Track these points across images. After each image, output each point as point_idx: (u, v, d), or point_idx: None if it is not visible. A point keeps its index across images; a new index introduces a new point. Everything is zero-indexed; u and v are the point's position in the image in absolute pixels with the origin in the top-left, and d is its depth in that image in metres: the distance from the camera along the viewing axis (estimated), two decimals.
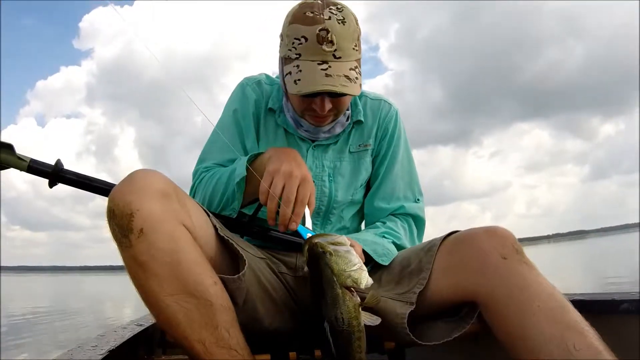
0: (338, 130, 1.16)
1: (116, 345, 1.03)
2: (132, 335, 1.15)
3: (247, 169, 0.98)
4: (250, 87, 1.19)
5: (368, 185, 1.26)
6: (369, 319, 0.81)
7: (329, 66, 0.96)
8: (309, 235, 0.87)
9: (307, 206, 0.90)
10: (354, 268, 0.80)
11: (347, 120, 1.18)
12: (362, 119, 1.19)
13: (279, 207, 0.90)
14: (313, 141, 1.16)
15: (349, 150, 1.19)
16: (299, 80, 0.97)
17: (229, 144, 1.12)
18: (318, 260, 0.81)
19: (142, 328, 1.24)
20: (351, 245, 0.87)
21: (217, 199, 1.05)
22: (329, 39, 0.95)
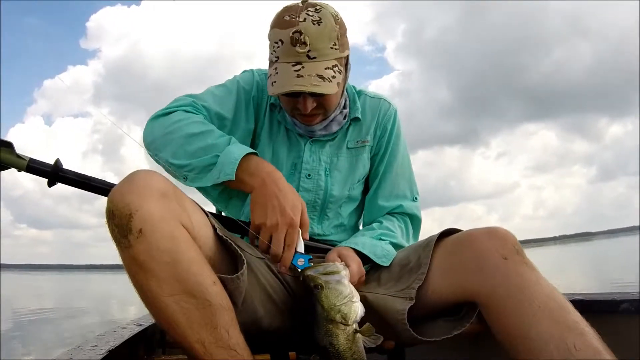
0: (335, 128, 1.17)
1: (116, 345, 1.03)
2: (131, 335, 1.15)
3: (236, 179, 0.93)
4: (258, 75, 1.20)
5: (367, 183, 1.27)
6: (370, 341, 0.85)
7: (302, 67, 0.98)
8: (301, 259, 0.90)
9: (300, 232, 0.91)
10: (344, 301, 0.84)
11: (345, 118, 1.19)
12: (360, 116, 1.21)
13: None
14: (311, 137, 1.17)
15: (347, 146, 1.20)
16: (274, 82, 1.00)
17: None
18: (311, 292, 0.85)
19: (142, 328, 1.24)
20: (347, 265, 0.91)
21: (183, 155, 0.97)
22: (302, 40, 0.97)
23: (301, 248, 0.91)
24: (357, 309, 0.85)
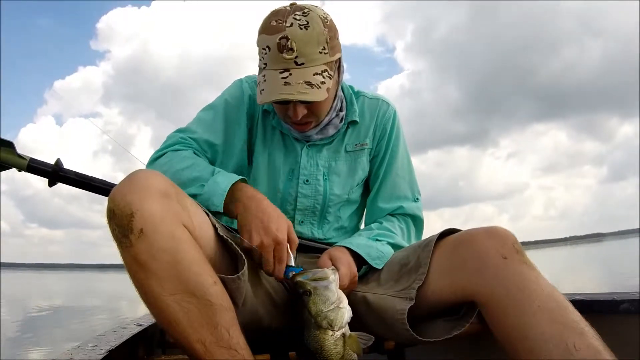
0: (331, 131, 1.17)
1: (116, 345, 1.03)
2: (131, 335, 1.15)
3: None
4: (248, 85, 1.19)
5: (366, 185, 1.26)
6: (361, 340, 0.87)
7: (290, 74, 0.97)
8: (292, 272, 0.93)
9: (289, 249, 0.94)
10: (331, 307, 0.86)
11: (341, 121, 1.18)
12: (358, 119, 1.20)
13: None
14: (307, 141, 1.17)
15: (345, 149, 1.20)
16: (263, 90, 0.99)
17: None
18: (301, 298, 0.88)
19: (142, 328, 1.24)
20: (336, 269, 0.93)
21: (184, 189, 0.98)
22: (289, 46, 0.96)
23: (292, 262, 0.94)
24: (344, 315, 0.87)
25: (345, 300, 0.89)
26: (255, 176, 1.18)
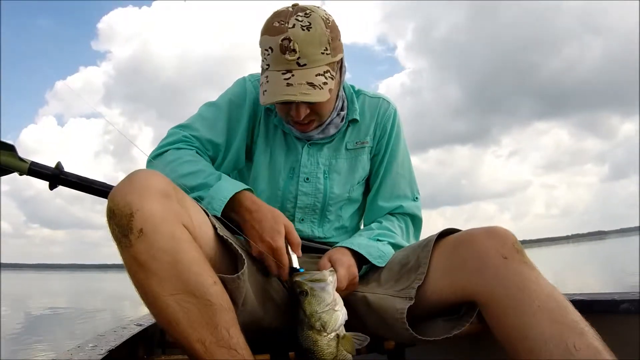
0: (332, 131, 1.17)
1: (116, 345, 1.03)
2: (131, 335, 1.15)
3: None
4: (252, 83, 1.19)
5: (367, 184, 1.27)
6: (356, 341, 0.88)
7: (292, 75, 0.98)
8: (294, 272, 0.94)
9: (292, 250, 0.96)
10: (326, 309, 0.87)
11: (342, 120, 1.18)
12: (358, 117, 1.20)
13: None
14: (308, 140, 1.17)
15: (346, 147, 1.20)
16: (265, 91, 1.00)
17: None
18: (297, 297, 0.90)
19: (142, 328, 1.24)
20: (335, 271, 0.95)
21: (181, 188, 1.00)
22: (291, 47, 0.97)
23: (295, 264, 0.95)
24: (338, 318, 0.87)
25: (340, 303, 0.89)
26: (257, 174, 1.18)
